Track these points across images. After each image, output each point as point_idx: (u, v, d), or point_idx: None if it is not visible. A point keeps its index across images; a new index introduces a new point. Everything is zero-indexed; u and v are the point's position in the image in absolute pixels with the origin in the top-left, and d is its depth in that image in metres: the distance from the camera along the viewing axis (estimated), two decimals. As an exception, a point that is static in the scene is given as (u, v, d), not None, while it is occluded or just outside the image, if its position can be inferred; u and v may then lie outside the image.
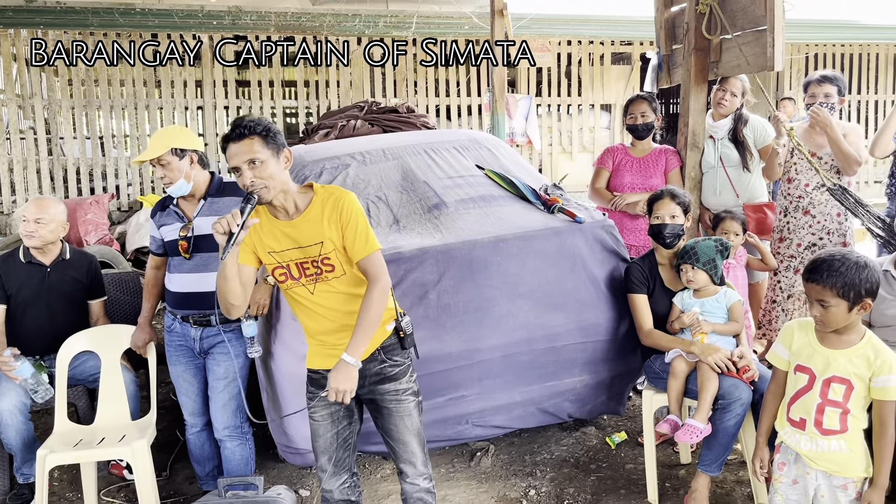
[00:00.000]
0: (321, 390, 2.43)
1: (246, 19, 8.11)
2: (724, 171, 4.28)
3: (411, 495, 2.57)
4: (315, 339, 2.48)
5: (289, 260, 2.36)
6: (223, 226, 2.18)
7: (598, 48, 9.91)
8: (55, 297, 3.54)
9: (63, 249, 3.61)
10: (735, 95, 4.27)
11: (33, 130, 8.47)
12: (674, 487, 3.34)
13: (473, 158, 4.00)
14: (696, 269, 3.16)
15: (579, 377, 3.45)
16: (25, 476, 3.36)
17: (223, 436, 3.13)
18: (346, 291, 2.39)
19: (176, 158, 2.97)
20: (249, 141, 2.25)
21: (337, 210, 2.33)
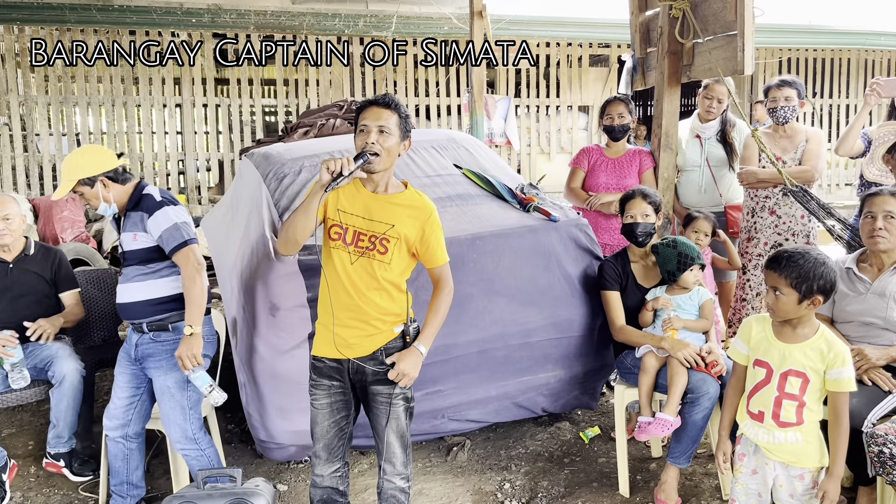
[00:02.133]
0: (324, 378, 2.53)
1: (225, 17, 8.10)
2: (709, 171, 4.41)
3: (386, 491, 2.63)
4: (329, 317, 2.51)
5: (351, 225, 2.46)
6: (334, 166, 2.29)
7: (575, 50, 10.02)
8: (18, 292, 3.54)
9: (27, 245, 3.62)
10: (721, 102, 4.48)
11: (8, 127, 8.39)
12: (645, 480, 3.42)
13: (451, 158, 4.06)
14: (702, 267, 3.27)
15: (553, 372, 3.52)
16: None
17: (177, 450, 3.03)
18: (379, 277, 2.46)
19: (88, 188, 2.92)
20: (390, 113, 2.44)
21: (425, 214, 2.52)
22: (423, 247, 2.53)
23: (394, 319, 2.53)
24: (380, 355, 2.51)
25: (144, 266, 2.95)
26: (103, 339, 4.30)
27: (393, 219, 2.48)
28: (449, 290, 2.60)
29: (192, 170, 8.99)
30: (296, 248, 2.47)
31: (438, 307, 2.56)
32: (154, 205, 2.93)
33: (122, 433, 3.07)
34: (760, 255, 4.22)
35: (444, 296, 2.58)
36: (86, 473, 3.54)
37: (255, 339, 3.17)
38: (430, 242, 2.53)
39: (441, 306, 2.57)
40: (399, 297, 2.54)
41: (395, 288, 2.51)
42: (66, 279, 3.67)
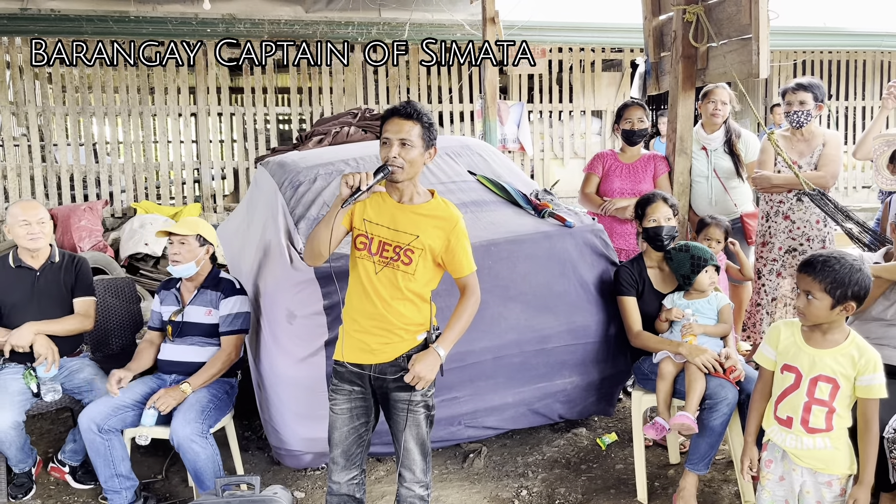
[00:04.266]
0: (345, 383, 2.54)
1: (240, 27, 8.16)
2: (718, 182, 4.37)
3: (405, 499, 2.62)
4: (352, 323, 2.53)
5: (377, 235, 2.48)
6: (353, 181, 2.30)
7: (588, 55, 10.01)
8: (45, 301, 3.54)
9: (52, 253, 3.63)
10: (725, 103, 4.41)
11: (27, 137, 8.49)
12: (663, 487, 3.40)
13: (465, 164, 4.06)
14: (717, 269, 3.25)
15: (569, 378, 3.51)
16: (21, 466, 3.42)
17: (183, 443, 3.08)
18: (403, 287, 2.47)
19: (197, 243, 3.32)
20: (412, 124, 2.43)
21: (451, 224, 2.52)
22: (448, 256, 2.53)
23: (417, 328, 2.54)
24: (402, 362, 2.52)
25: (208, 338, 3.34)
26: (121, 348, 4.33)
27: (418, 229, 2.48)
28: (475, 300, 2.59)
29: (208, 178, 9.05)
30: (321, 260, 2.48)
31: (461, 314, 2.57)
32: (231, 290, 3.35)
33: (97, 427, 3.07)
34: (775, 259, 4.19)
35: (470, 304, 2.58)
36: (88, 482, 3.57)
37: (272, 346, 3.19)
38: (455, 252, 2.53)
39: (464, 313, 2.57)
40: (423, 307, 2.54)
41: (419, 298, 2.52)
42: (82, 285, 3.66)
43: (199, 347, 3.32)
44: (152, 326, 3.46)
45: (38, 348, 3.40)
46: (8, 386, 3.33)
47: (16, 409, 3.27)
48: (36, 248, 3.53)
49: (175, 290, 3.43)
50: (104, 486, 3.15)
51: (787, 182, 4.04)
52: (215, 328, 3.33)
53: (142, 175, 8.83)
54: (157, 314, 3.44)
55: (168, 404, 3.10)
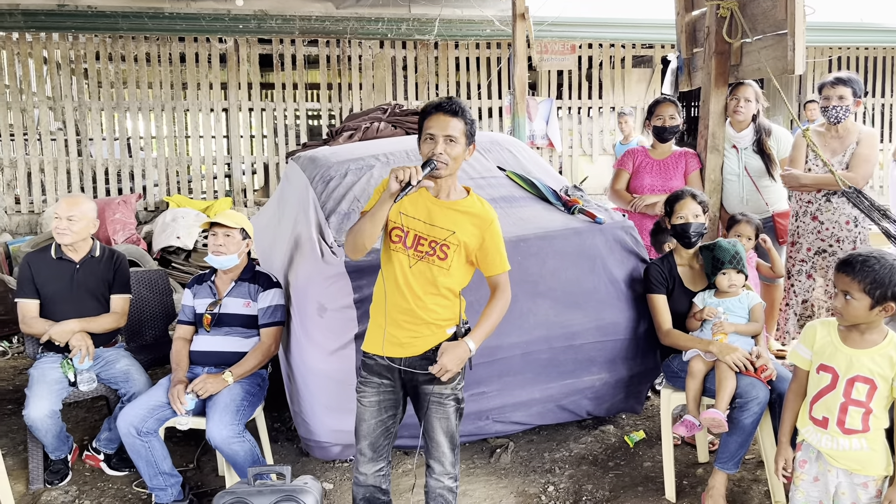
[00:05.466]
0: (374, 375, 2.56)
1: (271, 23, 8.25)
2: (750, 181, 4.31)
3: (434, 490, 2.64)
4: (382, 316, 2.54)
5: (412, 228, 2.49)
6: (403, 175, 2.31)
7: (618, 51, 9.94)
8: (82, 294, 3.61)
9: (93, 247, 3.70)
10: (749, 101, 4.30)
11: (63, 132, 8.67)
12: (691, 485, 3.38)
13: (495, 160, 4.07)
14: (741, 273, 3.21)
15: (598, 375, 3.50)
16: (58, 454, 3.51)
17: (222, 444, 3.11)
18: (437, 283, 2.49)
19: (240, 236, 3.38)
20: (457, 121, 2.45)
21: (486, 222, 2.53)
22: (482, 254, 2.55)
23: (446, 323, 2.56)
24: (431, 355, 2.53)
25: (245, 328, 3.37)
26: (154, 339, 4.42)
27: (454, 225, 2.49)
28: (507, 299, 2.60)
29: (238, 173, 9.16)
30: (363, 253, 2.48)
31: (492, 311, 2.57)
32: (268, 283, 3.39)
33: (135, 430, 3.11)
34: (804, 260, 4.13)
35: (501, 302, 2.59)
36: (122, 469, 3.65)
37: (303, 338, 3.23)
38: (489, 250, 2.54)
39: (495, 311, 2.58)
40: (453, 302, 2.56)
41: (451, 293, 2.54)
42: (120, 282, 3.73)
43: (236, 338, 3.36)
44: (183, 320, 3.49)
45: (74, 341, 3.48)
46: (46, 375, 3.42)
47: (53, 398, 3.35)
48: (61, 242, 3.60)
49: (209, 282, 3.48)
50: (149, 485, 3.21)
51: (816, 181, 3.97)
52: (253, 319, 3.37)
53: (174, 169, 8.96)
54: (190, 308, 3.48)
55: (208, 390, 3.14)
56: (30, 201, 8.54)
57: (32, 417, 3.29)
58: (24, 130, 8.61)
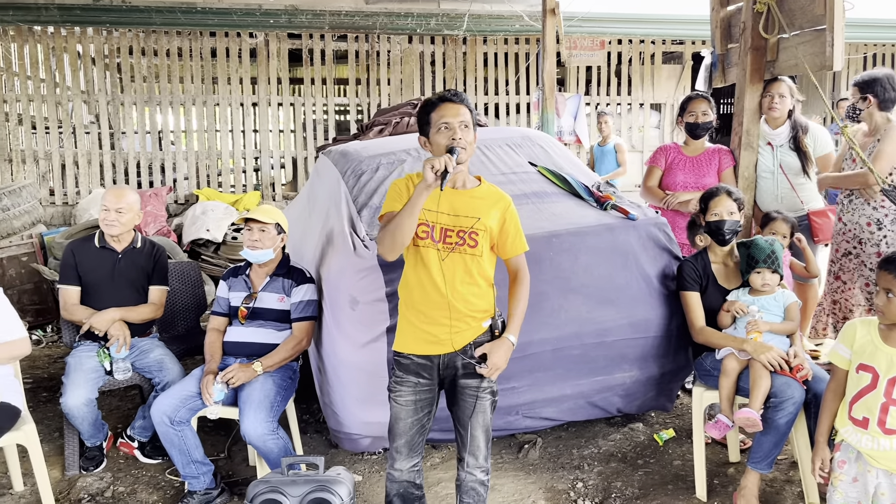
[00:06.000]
0: (410, 375, 2.56)
1: (301, 18, 8.29)
2: (785, 178, 4.26)
3: (466, 483, 2.65)
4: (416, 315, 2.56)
5: (437, 222, 2.51)
6: (439, 164, 2.33)
7: (648, 47, 9.86)
8: (123, 283, 3.69)
9: (135, 238, 3.77)
10: (784, 97, 4.24)
11: (96, 125, 8.80)
12: (722, 485, 3.35)
13: (526, 155, 4.06)
14: (776, 273, 3.18)
15: (629, 372, 3.49)
16: (93, 440, 3.58)
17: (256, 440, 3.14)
18: (471, 271, 2.52)
19: (275, 231, 3.40)
20: (464, 108, 2.52)
21: (503, 204, 2.60)
22: (502, 237, 2.58)
23: (482, 315, 2.57)
24: (469, 349, 2.54)
25: (279, 322, 3.41)
26: (186, 329, 4.48)
27: (478, 212, 2.53)
28: (528, 281, 2.65)
29: (267, 167, 9.23)
30: (401, 251, 2.50)
31: (521, 297, 2.61)
32: (302, 278, 3.43)
33: (168, 419, 3.16)
34: (832, 261, 4.09)
35: (526, 286, 2.63)
36: (155, 457, 3.71)
37: (335, 331, 3.25)
38: (509, 232, 2.59)
39: (523, 297, 2.61)
40: (487, 292, 2.58)
41: (485, 282, 2.56)
42: (159, 273, 3.80)
43: (269, 330, 3.40)
44: (218, 312, 3.54)
45: (112, 330, 3.55)
46: (83, 363, 3.48)
47: (89, 387, 3.42)
48: (110, 233, 3.67)
49: (244, 276, 3.51)
50: (182, 473, 3.26)
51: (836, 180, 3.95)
52: (286, 314, 3.40)
53: (204, 163, 9.06)
54: (225, 300, 3.52)
55: (239, 379, 3.19)
56: (63, 193, 8.68)
57: (69, 405, 3.36)
58: (58, 124, 8.76)
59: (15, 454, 3.44)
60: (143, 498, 3.39)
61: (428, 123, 2.54)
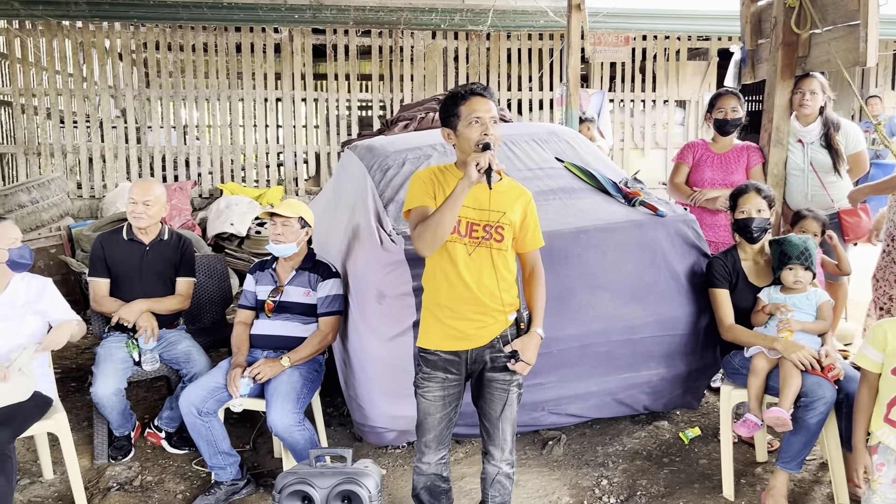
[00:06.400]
0: (438, 371, 2.57)
1: (326, 13, 8.31)
2: (815, 176, 4.20)
3: (492, 476, 2.66)
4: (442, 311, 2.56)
5: (463, 216, 2.51)
6: (483, 163, 2.35)
7: (673, 43, 9.78)
8: (150, 275, 3.73)
9: (162, 230, 3.81)
10: (815, 93, 4.17)
11: (123, 119, 8.90)
12: (749, 484, 3.32)
13: (552, 151, 4.04)
14: (808, 270, 3.14)
15: (656, 370, 3.46)
16: (122, 430, 3.63)
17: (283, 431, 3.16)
18: (497, 266, 2.52)
19: (298, 225, 3.40)
20: (493, 104, 2.54)
21: (525, 199, 2.62)
22: (522, 231, 2.59)
23: (508, 308, 2.57)
24: (497, 343, 2.55)
25: (305, 316, 3.42)
26: (212, 322, 4.52)
27: (503, 206, 2.53)
28: (543, 275, 2.68)
29: (290, 162, 9.28)
30: (439, 247, 2.48)
31: (540, 291, 2.64)
32: (329, 273, 3.43)
33: (196, 410, 3.19)
34: None
35: (543, 280, 2.67)
36: (182, 447, 3.75)
37: (361, 325, 3.25)
38: (529, 226, 2.60)
39: (542, 290, 2.65)
40: (512, 286, 2.59)
41: (510, 276, 2.57)
42: (186, 266, 3.84)
43: (295, 324, 3.42)
44: (244, 305, 3.56)
45: (141, 322, 3.59)
46: (112, 354, 3.53)
47: (118, 377, 3.46)
48: (138, 226, 3.71)
49: (271, 270, 3.53)
50: (209, 464, 3.29)
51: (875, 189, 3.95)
52: (312, 308, 3.41)
53: (228, 157, 9.12)
54: (252, 293, 3.54)
55: (266, 374, 3.21)
56: (90, 186, 8.79)
57: (99, 395, 3.40)
58: (86, 118, 8.87)
59: (45, 442, 3.49)
60: (170, 487, 3.43)
61: (456, 116, 2.53)
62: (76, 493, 3.23)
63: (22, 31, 8.52)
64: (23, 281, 3.28)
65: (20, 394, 3.01)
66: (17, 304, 3.22)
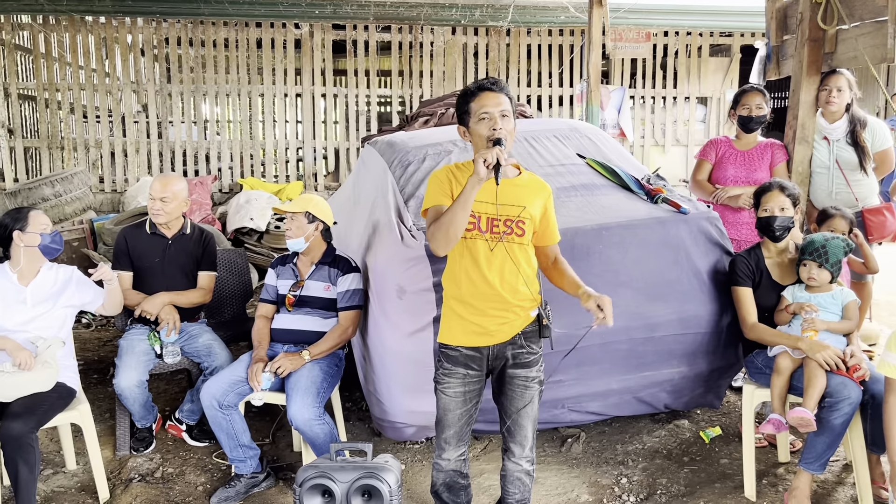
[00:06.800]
0: (459, 367, 2.56)
1: (346, 9, 8.31)
2: (840, 174, 4.14)
3: (512, 473, 2.65)
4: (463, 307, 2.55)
5: (483, 212, 2.50)
6: (491, 158, 2.32)
7: (695, 39, 9.68)
8: (173, 269, 3.76)
9: (184, 225, 3.83)
10: (841, 90, 4.10)
11: (145, 114, 8.97)
12: (771, 484, 3.29)
13: (574, 147, 4.01)
14: (823, 269, 3.10)
15: (677, 368, 3.44)
16: (143, 422, 3.66)
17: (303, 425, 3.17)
18: (518, 260, 2.51)
19: (306, 220, 3.40)
20: (504, 97, 2.49)
21: (545, 193, 2.62)
22: (542, 225, 2.58)
23: (530, 304, 2.56)
24: (518, 339, 2.54)
25: (325, 310, 3.44)
26: (233, 316, 4.55)
27: (523, 201, 2.52)
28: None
29: (310, 157, 9.31)
30: (453, 246, 2.46)
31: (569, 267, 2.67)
32: (348, 268, 3.44)
33: (217, 403, 3.21)
34: None
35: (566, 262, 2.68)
36: (202, 440, 3.79)
37: (382, 320, 3.26)
38: (549, 220, 2.61)
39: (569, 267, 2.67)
40: (534, 281, 2.57)
41: (531, 271, 2.56)
42: (208, 260, 3.86)
43: (315, 318, 3.43)
44: (266, 299, 3.57)
45: (163, 314, 3.62)
46: (134, 346, 3.56)
47: (140, 369, 3.50)
48: (156, 222, 3.73)
49: (292, 264, 3.55)
50: (229, 457, 3.31)
51: None
52: (332, 302, 3.42)
53: (248, 153, 9.17)
54: (273, 287, 3.56)
55: (287, 368, 3.22)
56: (112, 180, 8.87)
57: (122, 386, 3.44)
58: (108, 112, 8.95)
59: (69, 433, 3.54)
60: (191, 479, 3.45)
61: (467, 113, 2.51)
62: (99, 484, 3.26)
63: (46, 27, 8.61)
64: (51, 270, 3.33)
65: (43, 384, 3.05)
66: (47, 293, 3.28)
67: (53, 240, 3.30)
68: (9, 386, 2.98)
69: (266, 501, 3.27)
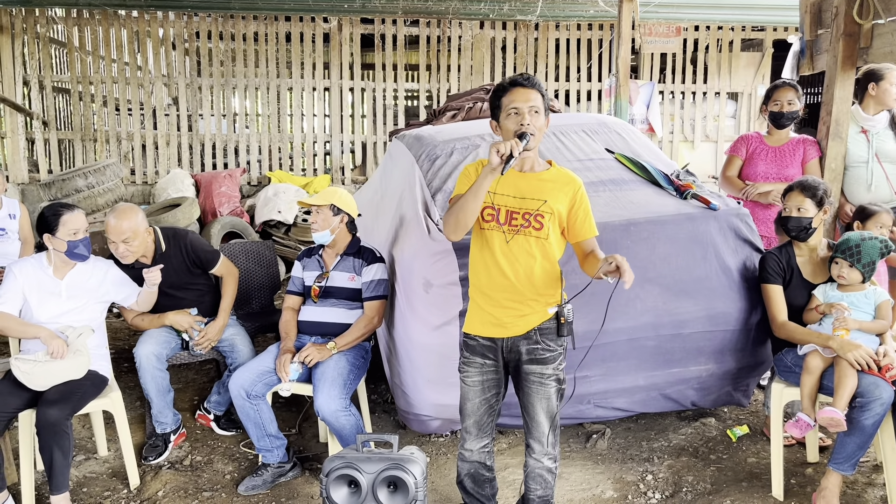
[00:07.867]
0: (477, 356, 2.59)
1: (375, 3, 8.32)
2: (879, 167, 4.06)
3: (533, 470, 2.66)
4: (482, 298, 2.57)
5: (503, 205, 2.52)
6: (504, 149, 2.33)
7: (727, 34, 9.54)
8: (170, 286, 3.60)
9: (157, 244, 3.65)
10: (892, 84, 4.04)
11: (175, 107, 9.08)
12: (800, 484, 3.25)
13: (602, 142, 3.99)
14: (854, 269, 3.05)
15: (705, 366, 3.41)
16: (162, 426, 3.60)
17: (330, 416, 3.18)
18: (536, 253, 2.51)
19: (331, 213, 3.42)
20: (536, 93, 2.50)
21: (574, 187, 2.57)
22: (572, 219, 2.56)
23: (548, 300, 2.55)
24: (534, 335, 2.54)
25: (351, 301, 3.46)
26: (261, 308, 4.60)
27: (545, 194, 2.52)
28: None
29: (337, 151, 9.36)
30: (465, 232, 2.48)
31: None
32: (373, 258, 3.45)
33: (245, 393, 3.24)
34: None
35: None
36: (230, 429, 3.84)
37: (408, 313, 3.27)
38: (578, 215, 2.56)
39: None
40: (554, 277, 2.56)
41: (551, 266, 2.54)
42: (203, 258, 3.74)
43: (341, 310, 3.45)
44: (293, 291, 3.60)
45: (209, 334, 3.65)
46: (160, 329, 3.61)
47: (161, 342, 3.54)
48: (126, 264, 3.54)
49: (318, 256, 3.58)
50: (257, 446, 3.35)
51: None
52: (357, 293, 3.45)
53: (276, 146, 9.24)
54: (300, 279, 3.59)
55: (314, 358, 3.26)
56: (143, 172, 8.99)
57: (140, 355, 3.47)
58: (140, 106, 9.07)
59: (101, 420, 3.61)
60: (219, 468, 3.50)
61: (499, 108, 2.54)
62: (129, 470, 3.33)
63: (80, 21, 8.74)
64: (87, 265, 3.37)
65: (76, 371, 3.11)
66: (81, 288, 3.33)
67: (80, 247, 3.26)
68: (43, 375, 3.04)
69: (292, 491, 3.31)
